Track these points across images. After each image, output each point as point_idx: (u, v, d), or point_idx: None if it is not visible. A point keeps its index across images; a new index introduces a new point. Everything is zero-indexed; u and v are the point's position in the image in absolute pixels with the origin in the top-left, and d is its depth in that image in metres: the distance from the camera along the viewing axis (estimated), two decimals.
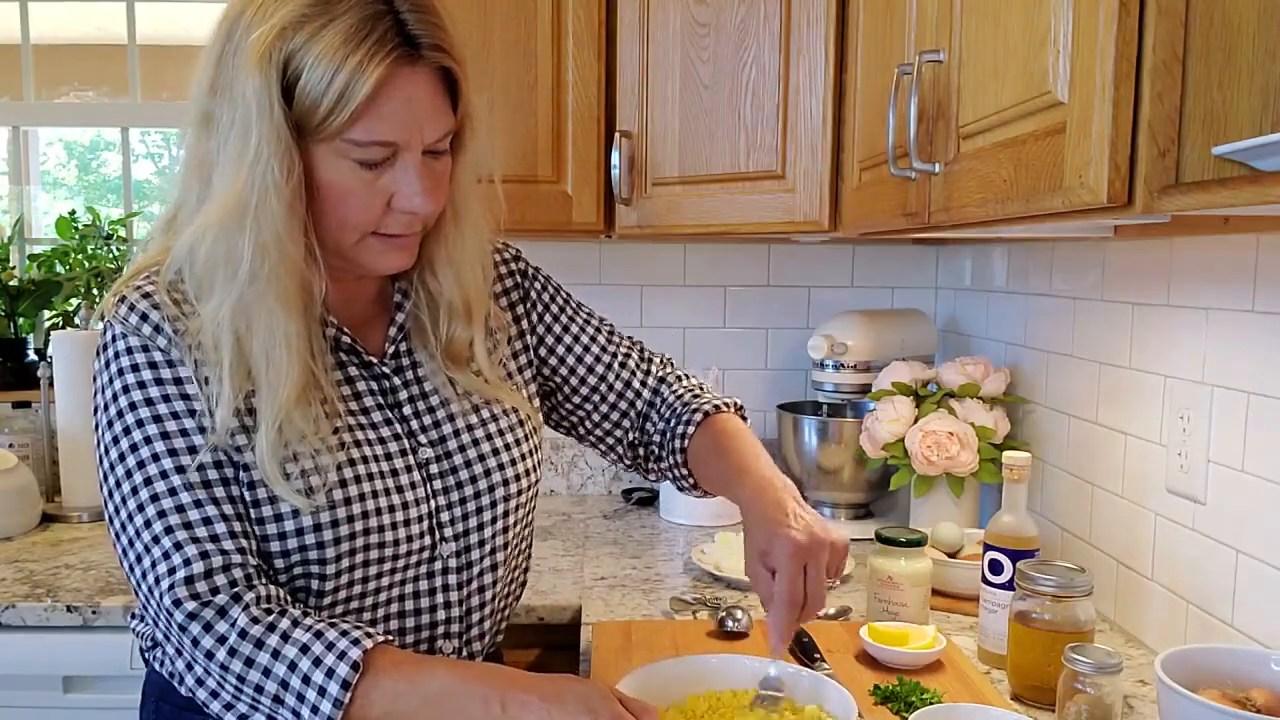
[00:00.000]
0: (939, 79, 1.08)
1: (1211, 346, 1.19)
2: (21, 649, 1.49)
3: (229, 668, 0.86)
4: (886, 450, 1.73)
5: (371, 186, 0.91)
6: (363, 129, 0.88)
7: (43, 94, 2.33)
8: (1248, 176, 0.64)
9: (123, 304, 0.94)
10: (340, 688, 0.83)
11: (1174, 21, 0.70)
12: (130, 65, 2.28)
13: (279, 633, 0.86)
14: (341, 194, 0.91)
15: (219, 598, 0.87)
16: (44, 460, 2.02)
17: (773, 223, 1.61)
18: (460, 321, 1.05)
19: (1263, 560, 1.10)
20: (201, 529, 0.89)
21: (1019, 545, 1.24)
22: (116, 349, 0.94)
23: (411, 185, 0.92)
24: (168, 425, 0.91)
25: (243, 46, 0.87)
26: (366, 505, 0.95)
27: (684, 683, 1.05)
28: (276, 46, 0.86)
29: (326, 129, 0.88)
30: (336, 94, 0.86)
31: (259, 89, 0.85)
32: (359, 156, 0.90)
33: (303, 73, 0.86)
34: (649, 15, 1.69)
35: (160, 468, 0.90)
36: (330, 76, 0.86)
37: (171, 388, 0.92)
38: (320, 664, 0.84)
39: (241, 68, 0.87)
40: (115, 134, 2.41)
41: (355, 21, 0.86)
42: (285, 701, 0.85)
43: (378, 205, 0.93)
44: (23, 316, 2.17)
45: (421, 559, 1.01)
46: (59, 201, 2.52)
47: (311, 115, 0.87)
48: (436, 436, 1.04)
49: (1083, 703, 0.99)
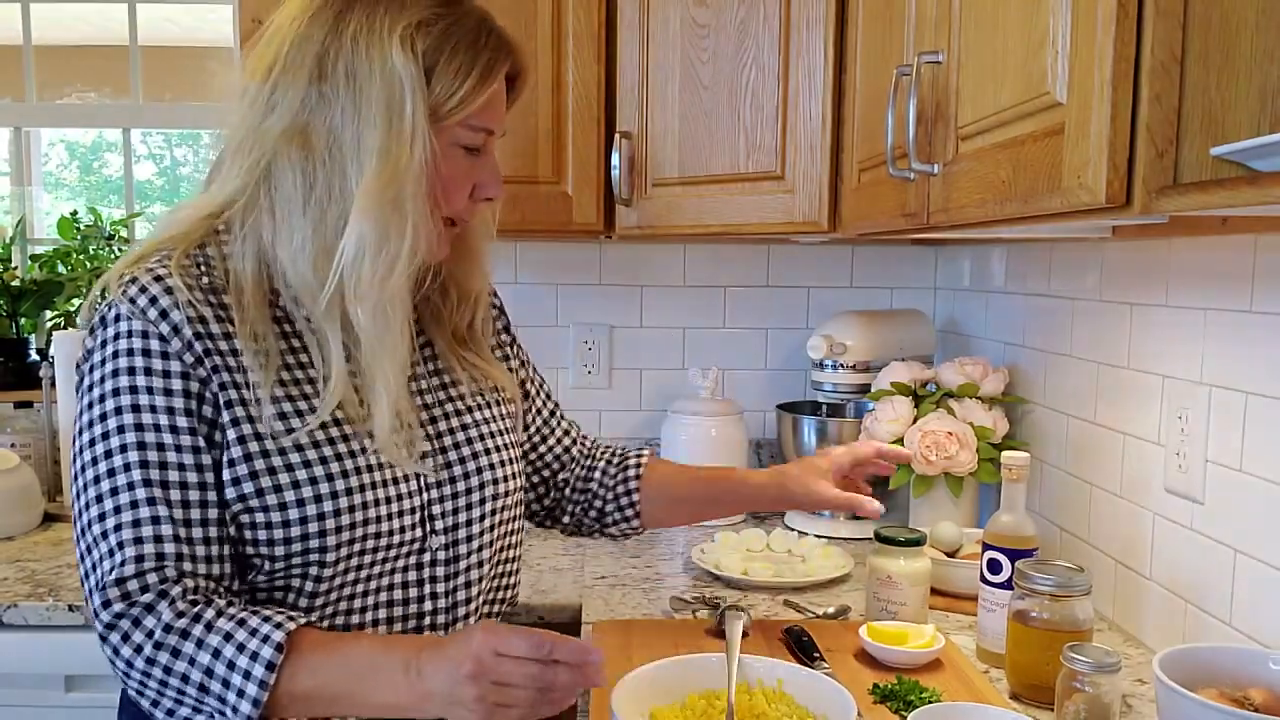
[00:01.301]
0: (938, 80, 1.08)
1: (1210, 347, 1.20)
2: (23, 648, 1.49)
3: (155, 661, 0.86)
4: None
5: (468, 173, 1.01)
6: (479, 118, 0.99)
7: (44, 95, 2.33)
8: (1246, 177, 0.64)
9: (132, 285, 0.93)
10: (265, 669, 0.84)
11: (1172, 23, 0.70)
12: (132, 66, 2.28)
13: (203, 623, 0.86)
14: (450, 177, 0.99)
15: (145, 596, 0.87)
16: (46, 460, 2.02)
17: (772, 223, 1.61)
18: (469, 306, 1.13)
19: (1261, 560, 1.11)
20: (148, 528, 0.88)
21: (1018, 545, 1.25)
22: (117, 330, 0.92)
23: (495, 174, 1.03)
24: (143, 418, 0.90)
25: (373, 31, 0.93)
26: (366, 496, 0.97)
27: (684, 683, 1.06)
28: (418, 35, 0.94)
29: (454, 114, 0.96)
30: (471, 85, 0.96)
31: (409, 70, 0.92)
32: (468, 141, 0.99)
33: (440, 62, 0.95)
34: (649, 16, 1.70)
35: (125, 460, 0.89)
36: (466, 68, 0.95)
37: (159, 380, 0.91)
38: (244, 649, 0.85)
39: (377, 52, 0.92)
40: (117, 135, 2.42)
41: (477, 23, 0.98)
42: (211, 689, 0.85)
43: (467, 190, 1.02)
44: (24, 317, 2.18)
45: (412, 550, 1.03)
46: (61, 202, 2.53)
47: (444, 100, 0.96)
48: (434, 431, 1.07)
49: (1081, 702, 0.99)
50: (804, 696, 1.03)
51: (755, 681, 1.07)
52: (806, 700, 1.03)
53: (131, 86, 2.29)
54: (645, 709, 1.00)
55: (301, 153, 0.93)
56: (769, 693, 1.05)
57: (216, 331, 0.93)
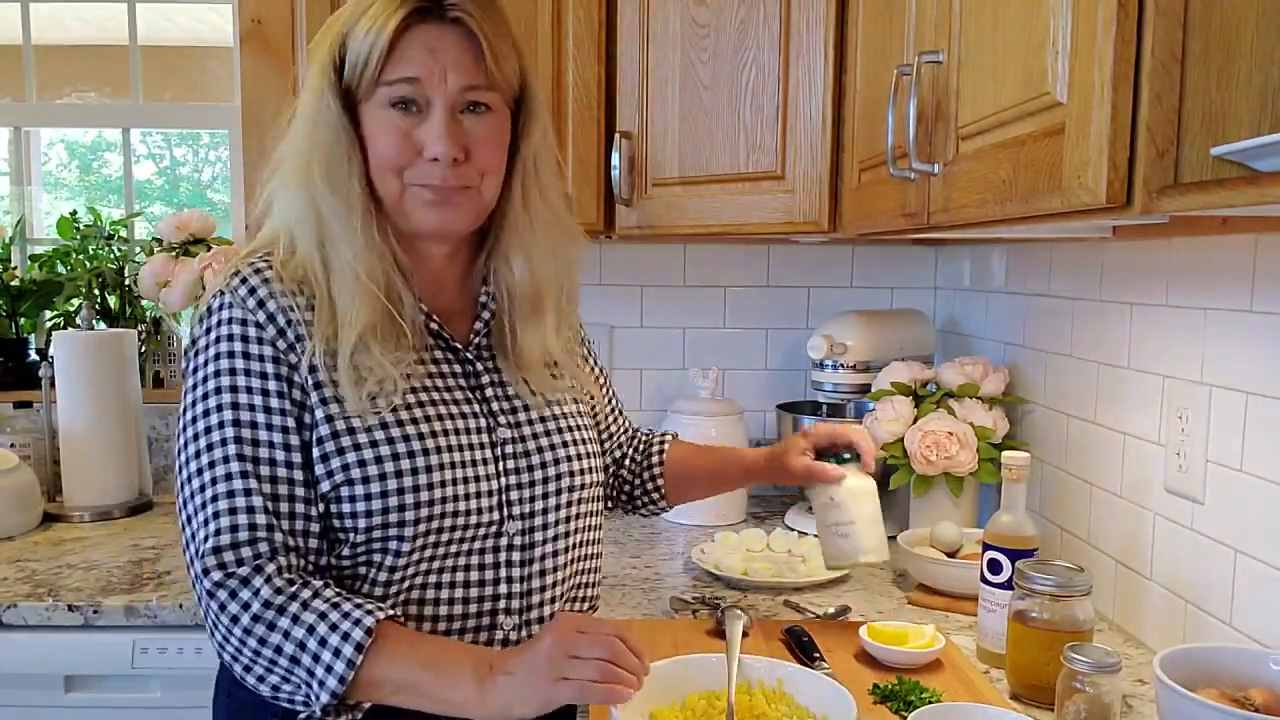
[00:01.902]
0: (938, 80, 1.08)
1: (1210, 346, 1.20)
2: (23, 648, 1.49)
3: (251, 632, 0.93)
4: (886, 450, 1.74)
5: (407, 135, 1.03)
6: (389, 71, 1.01)
7: (44, 95, 2.33)
8: (1246, 177, 0.64)
9: (235, 276, 1.03)
10: (354, 649, 0.91)
11: (1172, 23, 0.70)
12: (132, 66, 2.28)
13: (299, 601, 0.94)
14: (380, 137, 1.03)
15: (242, 569, 0.94)
16: (45, 460, 2.02)
17: (772, 223, 1.61)
18: (532, 319, 1.13)
19: (1261, 560, 1.11)
20: (241, 499, 0.96)
21: (1018, 545, 1.24)
22: (220, 317, 1.01)
23: (433, 131, 1.02)
24: (240, 398, 0.98)
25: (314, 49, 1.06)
26: (444, 475, 1.02)
27: (684, 683, 1.06)
28: (337, 32, 1.03)
29: (364, 80, 1.01)
30: (369, 45, 1.00)
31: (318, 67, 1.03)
32: (390, 98, 1.02)
33: (350, 44, 1.02)
34: (649, 16, 1.70)
35: (222, 435, 0.97)
36: (365, 34, 1.01)
37: (255, 364, 0.99)
38: (336, 629, 0.92)
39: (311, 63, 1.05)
40: (116, 134, 2.41)
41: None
42: (301, 662, 0.93)
43: (409, 150, 1.03)
44: (24, 316, 2.18)
45: (489, 533, 1.06)
46: (60, 202, 2.53)
47: (355, 75, 1.02)
48: (513, 421, 1.11)
49: (1081, 702, 0.99)
50: (804, 697, 1.03)
51: (755, 682, 1.07)
52: (807, 700, 1.03)
53: (131, 86, 2.29)
54: (645, 709, 1.00)
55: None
56: (769, 693, 1.05)
57: (308, 319, 1.01)
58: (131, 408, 1.98)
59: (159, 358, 2.22)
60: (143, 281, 2.10)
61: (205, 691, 1.50)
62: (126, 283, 2.19)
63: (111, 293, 2.19)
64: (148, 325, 2.20)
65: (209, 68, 2.43)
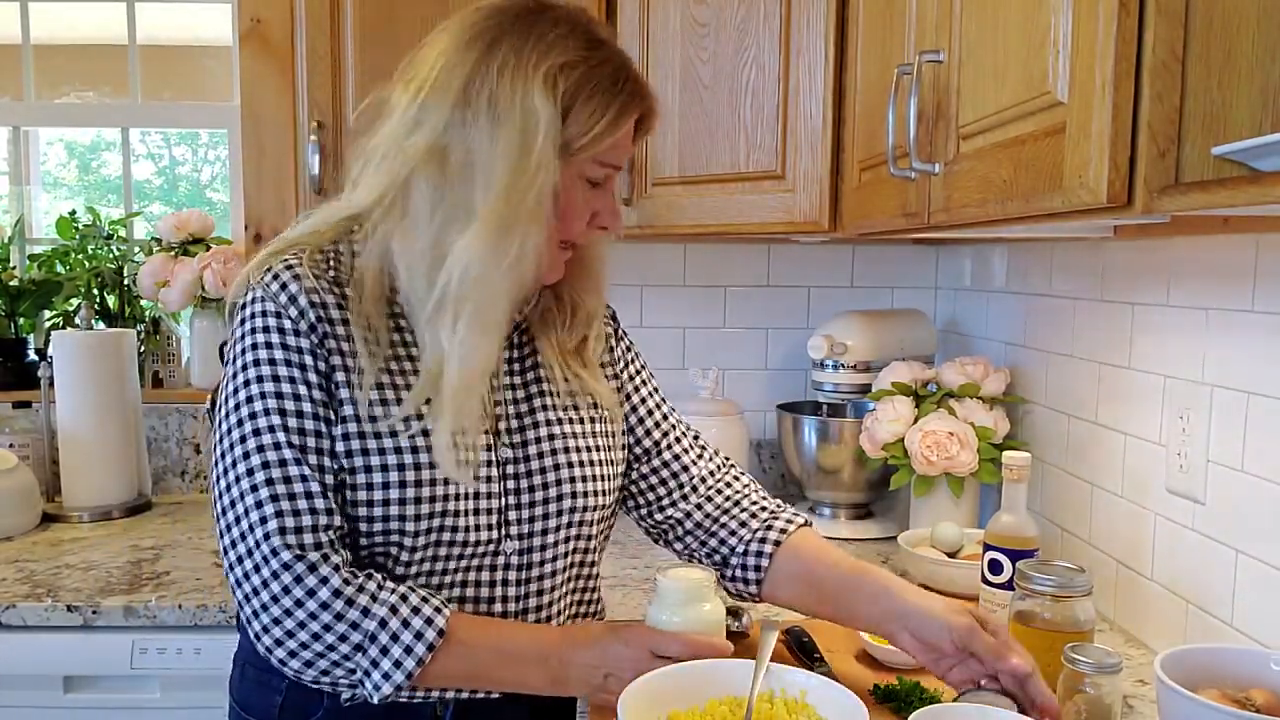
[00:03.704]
0: (939, 79, 1.08)
1: (1211, 346, 1.19)
2: (22, 649, 1.49)
3: (317, 616, 0.94)
4: (886, 450, 1.74)
5: (588, 203, 1.06)
6: (606, 154, 1.03)
7: (43, 94, 2.33)
8: (1247, 177, 0.64)
9: (268, 273, 1.03)
10: (426, 649, 0.95)
11: (1173, 22, 0.70)
12: (131, 65, 2.28)
13: (368, 594, 0.96)
14: (572, 206, 1.04)
15: (310, 554, 0.95)
16: (44, 460, 2.02)
17: (773, 223, 1.61)
18: (582, 322, 1.17)
19: (1262, 560, 1.10)
20: (299, 485, 0.97)
21: (1019, 545, 1.24)
22: (254, 310, 1.02)
23: (614, 206, 1.09)
24: (283, 387, 1.00)
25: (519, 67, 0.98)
26: (446, 489, 1.03)
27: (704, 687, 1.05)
28: (561, 75, 0.99)
29: (584, 151, 1.01)
30: (605, 123, 1.00)
31: (546, 108, 0.97)
32: (593, 175, 1.04)
33: (578, 101, 0.99)
34: (649, 15, 1.69)
35: (269, 423, 0.98)
36: (603, 109, 1.00)
37: (294, 355, 1.00)
38: (409, 625, 0.95)
39: (520, 87, 0.98)
40: (115, 134, 2.41)
41: (616, 68, 1.02)
42: (367, 652, 0.95)
43: (586, 218, 1.07)
44: (23, 316, 2.18)
45: (487, 550, 1.07)
46: (59, 201, 2.52)
47: (577, 138, 1.00)
48: (519, 440, 1.10)
49: (1082, 702, 0.99)
50: (826, 709, 1.02)
51: (779, 690, 1.06)
52: (829, 713, 1.02)
53: (130, 86, 2.29)
54: (664, 712, 1.00)
55: (438, 171, 0.99)
56: (790, 703, 1.04)
57: (336, 317, 1.02)
58: (131, 408, 1.98)
59: (158, 358, 2.22)
60: (142, 281, 2.10)
61: (205, 692, 1.50)
62: (125, 282, 2.19)
63: (110, 292, 2.19)
64: (147, 325, 2.20)
65: (208, 67, 2.43)
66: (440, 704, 1.07)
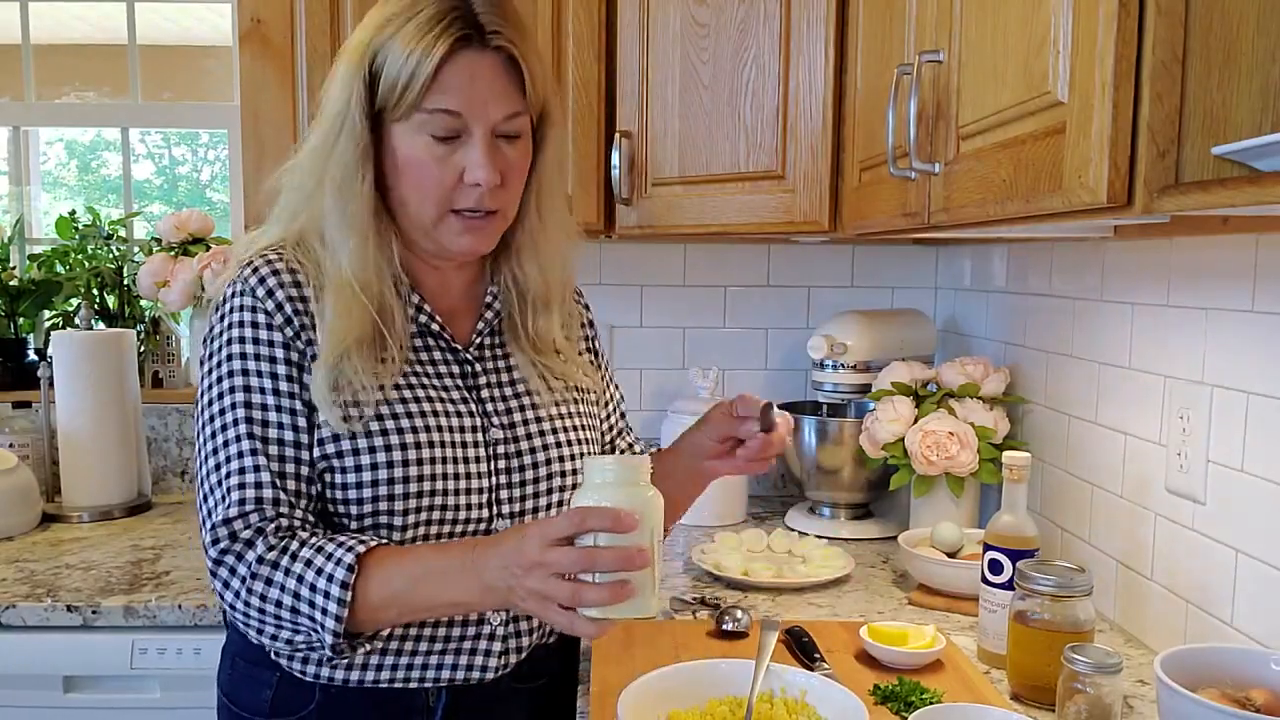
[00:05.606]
0: (939, 79, 1.08)
1: (1211, 346, 1.19)
2: (22, 649, 1.49)
3: (253, 591, 0.97)
4: (886, 450, 1.74)
5: (445, 162, 1.04)
6: (431, 100, 1.01)
7: (43, 94, 2.33)
8: (1247, 177, 0.64)
9: (247, 268, 1.06)
10: (340, 588, 0.94)
11: (1173, 22, 0.70)
12: (130, 65, 2.28)
13: (289, 554, 0.97)
14: (419, 167, 1.04)
15: (245, 533, 0.98)
16: (44, 460, 2.02)
17: (773, 223, 1.61)
18: (543, 312, 1.18)
19: (1262, 560, 1.10)
20: (250, 475, 0.99)
21: (1019, 545, 1.24)
22: (232, 304, 1.05)
23: (476, 159, 1.03)
24: (251, 381, 1.02)
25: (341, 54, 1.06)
26: (436, 469, 1.05)
27: (704, 686, 1.05)
28: (367, 43, 1.03)
29: (402, 104, 1.02)
30: (410, 71, 1.00)
31: (345, 76, 1.03)
32: (430, 129, 1.02)
33: (386, 61, 1.02)
34: (649, 16, 1.69)
35: (234, 416, 1.01)
36: (406, 58, 1.00)
37: (265, 349, 1.03)
38: (322, 572, 0.95)
39: (336, 67, 1.05)
40: (115, 134, 2.41)
41: (432, 14, 1.01)
42: (301, 611, 0.96)
43: (450, 179, 1.04)
44: (23, 316, 2.18)
45: (479, 529, 1.09)
46: (59, 201, 2.53)
47: (390, 95, 1.02)
48: (508, 421, 1.13)
49: (1082, 702, 0.99)
50: (826, 709, 1.03)
51: (779, 690, 1.06)
52: (829, 713, 1.02)
53: (130, 86, 2.29)
54: (664, 711, 1.00)
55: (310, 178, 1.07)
56: (790, 703, 1.05)
57: (314, 309, 1.05)
58: (130, 408, 1.98)
59: (158, 357, 2.22)
60: (141, 281, 2.10)
61: (204, 691, 1.50)
62: (125, 282, 2.19)
63: (110, 292, 2.19)
64: (146, 325, 2.19)
65: (208, 67, 2.43)
66: (432, 693, 1.08)
